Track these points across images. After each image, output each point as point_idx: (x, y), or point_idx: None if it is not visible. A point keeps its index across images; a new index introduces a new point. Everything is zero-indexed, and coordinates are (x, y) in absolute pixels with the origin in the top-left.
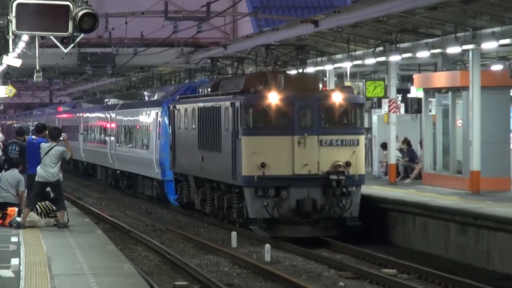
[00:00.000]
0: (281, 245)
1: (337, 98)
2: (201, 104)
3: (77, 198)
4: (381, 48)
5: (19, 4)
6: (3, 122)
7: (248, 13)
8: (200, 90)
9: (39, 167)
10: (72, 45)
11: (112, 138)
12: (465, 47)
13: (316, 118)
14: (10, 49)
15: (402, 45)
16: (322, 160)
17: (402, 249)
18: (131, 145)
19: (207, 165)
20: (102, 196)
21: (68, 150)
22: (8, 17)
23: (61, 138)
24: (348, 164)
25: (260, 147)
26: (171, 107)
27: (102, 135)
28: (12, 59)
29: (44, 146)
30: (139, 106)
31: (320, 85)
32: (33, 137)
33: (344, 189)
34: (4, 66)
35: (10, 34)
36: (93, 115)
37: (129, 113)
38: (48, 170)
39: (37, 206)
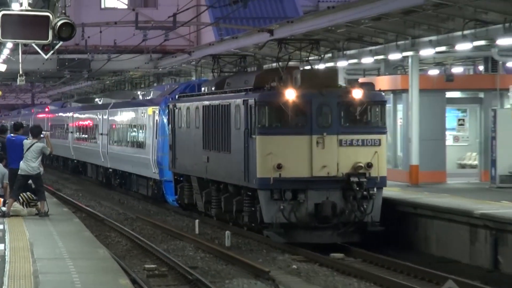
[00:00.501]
0: (240, 232)
1: (358, 94)
2: (206, 102)
3: (56, 190)
4: (329, 55)
5: (4, 15)
6: None
7: (210, 23)
8: (203, 88)
9: (21, 161)
10: (51, 51)
11: (104, 137)
12: (405, 54)
13: (335, 117)
14: None
15: (348, 52)
16: (342, 161)
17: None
18: (124, 144)
19: (213, 166)
20: (79, 188)
21: (48, 146)
22: None
23: (42, 136)
24: (369, 165)
25: (276, 148)
26: (171, 106)
27: (93, 134)
28: None
29: (26, 142)
30: (134, 105)
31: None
32: (12, 135)
33: (365, 192)
34: None
35: None
36: (83, 113)
37: (123, 112)
38: (29, 164)
39: (20, 197)
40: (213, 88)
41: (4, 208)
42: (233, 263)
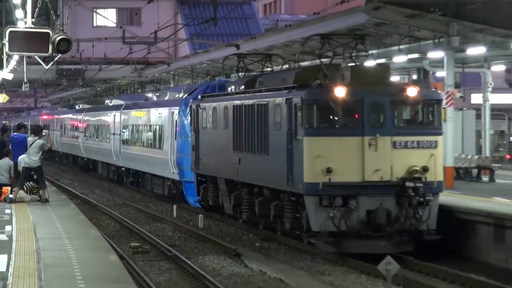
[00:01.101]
0: (211, 215)
1: (413, 93)
2: (237, 102)
3: (55, 180)
4: (287, 66)
5: (11, 31)
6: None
7: (186, 38)
8: (229, 88)
9: (25, 156)
10: (51, 63)
11: (117, 137)
12: (350, 64)
13: (389, 116)
14: (4, 66)
15: (302, 63)
16: (396, 165)
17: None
18: (139, 144)
19: (245, 168)
20: (75, 178)
21: (48, 143)
22: (3, 41)
23: (44, 134)
24: (425, 169)
25: (325, 150)
26: (194, 106)
27: (104, 134)
28: (5, 74)
29: (29, 139)
30: (150, 106)
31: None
32: (15, 133)
33: (421, 198)
34: (0, 79)
35: (4, 54)
36: (94, 114)
37: (138, 113)
38: (31, 158)
39: (24, 185)
40: (242, 88)
41: (11, 195)
42: (205, 241)
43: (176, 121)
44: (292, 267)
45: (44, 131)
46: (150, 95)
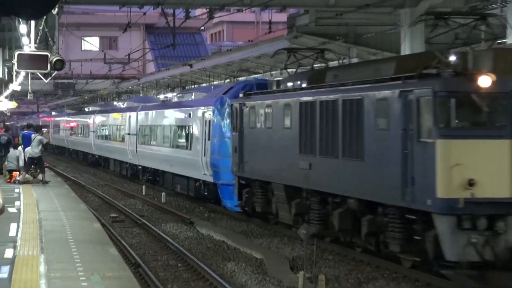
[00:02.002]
0: (172, 194)
1: None
2: (306, 99)
3: (53, 166)
4: (228, 80)
5: (19, 54)
6: (12, 122)
7: (152, 59)
8: (284, 84)
9: (30, 148)
10: (50, 78)
11: (132, 136)
12: (276, 78)
13: None
14: (14, 80)
15: (240, 79)
16: None
17: None
18: (159, 144)
19: (321, 175)
20: (68, 166)
21: (46, 138)
22: (12, 62)
23: (44, 131)
24: None
25: (467, 156)
26: (236, 105)
27: (117, 133)
28: (15, 86)
29: (33, 136)
30: (172, 107)
31: None
32: (25, 131)
33: None
34: (10, 90)
35: (14, 71)
36: (105, 116)
37: (157, 114)
38: (34, 150)
39: (29, 171)
40: (304, 83)
41: (19, 178)
42: (167, 213)
43: (209, 121)
44: (233, 231)
45: (44, 129)
46: (166, 96)
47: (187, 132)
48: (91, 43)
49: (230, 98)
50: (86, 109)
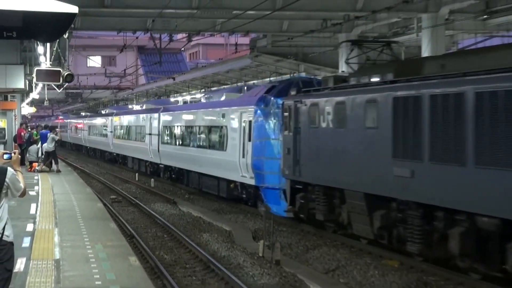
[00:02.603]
0: (159, 180)
1: None
2: (406, 92)
3: (65, 158)
4: (203, 90)
5: (37, 70)
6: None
7: (143, 73)
8: (354, 79)
9: (46, 144)
10: (62, 88)
11: (154, 136)
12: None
13: None
14: (33, 90)
15: (213, 88)
16: None
17: None
18: (185, 144)
19: (431, 185)
20: (77, 158)
21: (58, 136)
22: (32, 76)
23: (56, 131)
24: None
25: None
26: (290, 104)
27: (137, 133)
28: (35, 95)
29: (47, 134)
30: (201, 108)
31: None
32: (43, 130)
33: None
34: (31, 98)
35: (33, 83)
36: (123, 117)
37: (182, 115)
38: (48, 145)
39: (45, 162)
40: (389, 77)
41: (38, 168)
42: (155, 195)
43: (250, 121)
44: (208, 209)
45: (56, 129)
46: (191, 97)
47: (221, 132)
48: (95, 61)
49: (275, 97)
50: (103, 112)
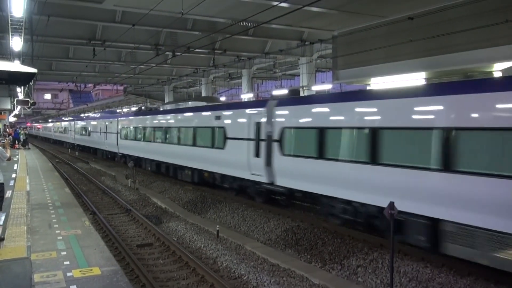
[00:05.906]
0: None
1: None
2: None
3: (38, 145)
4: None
5: (17, 99)
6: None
7: (72, 102)
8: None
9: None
10: (30, 109)
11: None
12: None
13: None
14: (15, 109)
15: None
16: None
17: None
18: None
19: None
20: (46, 145)
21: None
22: (14, 102)
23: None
24: None
25: None
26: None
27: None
28: (15, 112)
29: (18, 132)
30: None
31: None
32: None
33: None
34: (14, 113)
35: (15, 106)
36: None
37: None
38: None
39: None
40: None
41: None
42: (79, 160)
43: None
44: (104, 165)
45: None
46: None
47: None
48: (47, 96)
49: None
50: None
